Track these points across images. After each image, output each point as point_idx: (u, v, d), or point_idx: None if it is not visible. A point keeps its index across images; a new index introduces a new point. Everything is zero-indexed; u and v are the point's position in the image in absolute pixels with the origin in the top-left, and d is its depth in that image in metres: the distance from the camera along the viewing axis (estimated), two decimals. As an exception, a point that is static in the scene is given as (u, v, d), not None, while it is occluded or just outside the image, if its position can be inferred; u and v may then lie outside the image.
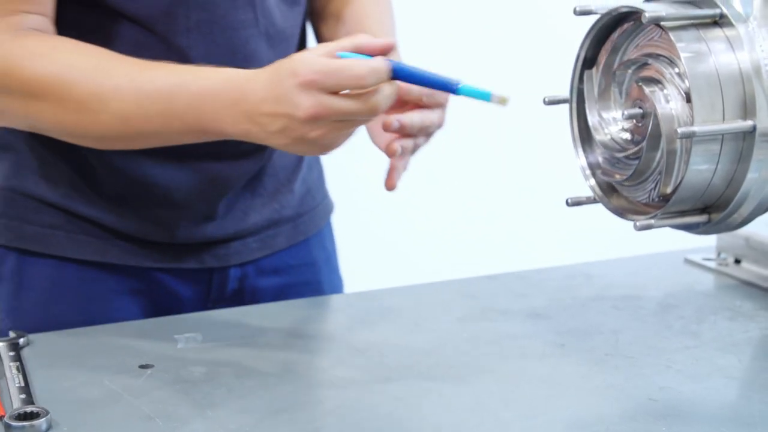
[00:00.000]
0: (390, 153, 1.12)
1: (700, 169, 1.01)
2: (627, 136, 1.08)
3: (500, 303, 1.21)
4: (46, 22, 1.14)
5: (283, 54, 1.18)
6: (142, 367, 1.05)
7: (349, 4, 1.33)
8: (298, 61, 1.02)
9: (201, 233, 1.27)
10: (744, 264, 1.28)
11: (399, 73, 1.03)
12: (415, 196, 2.19)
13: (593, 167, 1.13)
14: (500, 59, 2.45)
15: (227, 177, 1.26)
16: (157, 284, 1.27)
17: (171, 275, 1.28)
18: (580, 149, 1.13)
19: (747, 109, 1.00)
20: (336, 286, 1.42)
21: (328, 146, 1.05)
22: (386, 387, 1.01)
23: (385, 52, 1.06)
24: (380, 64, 1.02)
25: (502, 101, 1.03)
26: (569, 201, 1.12)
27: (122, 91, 1.08)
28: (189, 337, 1.12)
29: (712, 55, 1.01)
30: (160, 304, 1.27)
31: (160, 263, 1.27)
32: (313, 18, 1.36)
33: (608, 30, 1.09)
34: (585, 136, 1.13)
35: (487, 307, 1.20)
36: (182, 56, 1.17)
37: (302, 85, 1.00)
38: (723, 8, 1.01)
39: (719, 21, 1.02)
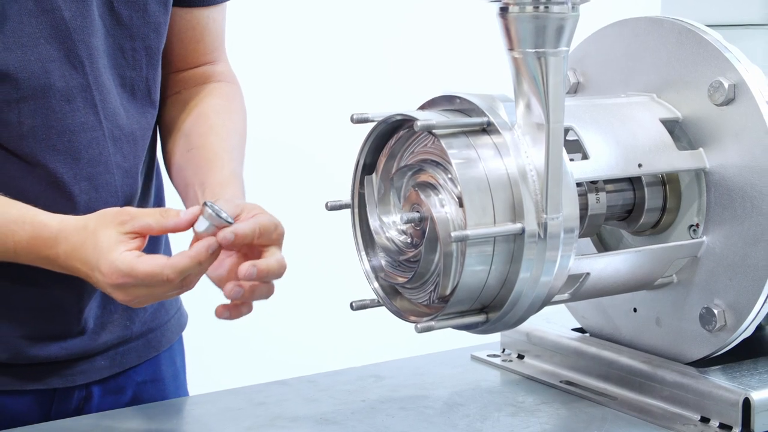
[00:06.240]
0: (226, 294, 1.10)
1: (476, 270, 1.04)
2: (406, 239, 1.11)
3: (290, 409, 1.20)
4: None
5: (132, 156, 1.20)
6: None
7: (195, 118, 1.30)
8: (105, 263, 1.04)
9: (45, 352, 1.22)
10: (527, 359, 1.32)
11: None
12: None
13: (376, 270, 1.15)
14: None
15: (77, 297, 1.23)
16: None
17: (10, 397, 1.21)
18: (363, 253, 1.15)
19: (516, 212, 1.04)
20: None
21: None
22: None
23: (177, 229, 1.08)
24: (184, 263, 1.04)
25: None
26: (354, 305, 1.13)
27: None
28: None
29: (481, 161, 1.05)
30: None
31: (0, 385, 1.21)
32: (160, 128, 1.33)
33: (385, 137, 1.12)
34: (368, 240, 1.15)
35: (276, 415, 1.18)
36: (25, 162, 1.15)
37: (113, 285, 1.05)
38: (490, 117, 1.06)
39: (487, 129, 1.06)
